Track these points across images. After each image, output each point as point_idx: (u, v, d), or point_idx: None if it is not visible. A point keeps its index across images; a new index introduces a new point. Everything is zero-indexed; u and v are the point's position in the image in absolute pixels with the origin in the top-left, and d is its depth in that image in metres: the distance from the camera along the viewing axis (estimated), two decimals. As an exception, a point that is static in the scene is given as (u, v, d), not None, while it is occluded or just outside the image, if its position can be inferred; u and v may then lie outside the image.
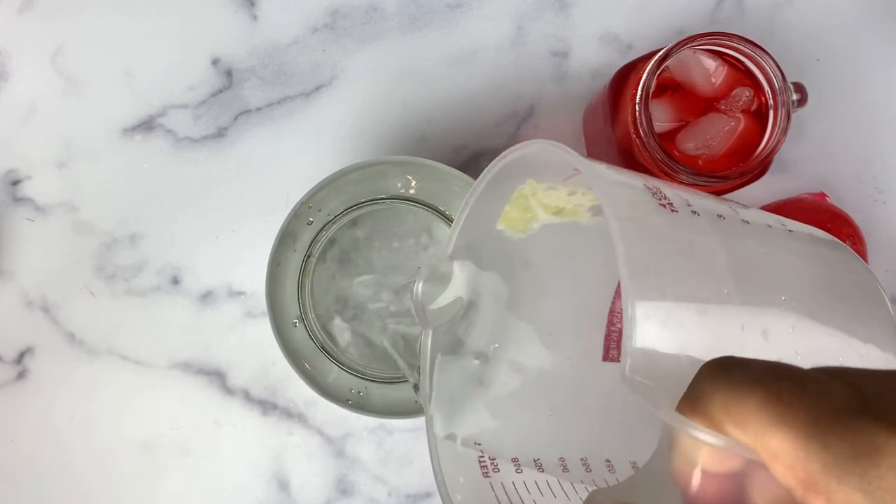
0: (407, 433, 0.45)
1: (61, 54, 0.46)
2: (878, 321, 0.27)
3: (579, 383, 0.35)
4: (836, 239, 0.31)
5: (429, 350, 0.34)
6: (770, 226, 0.28)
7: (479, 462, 0.32)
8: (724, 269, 0.24)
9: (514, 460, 0.31)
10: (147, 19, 0.46)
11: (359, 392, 0.40)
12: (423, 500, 0.45)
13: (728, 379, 0.18)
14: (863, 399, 0.17)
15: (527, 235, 0.34)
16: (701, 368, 0.19)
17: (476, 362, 0.35)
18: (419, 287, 0.33)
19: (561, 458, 0.31)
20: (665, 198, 0.25)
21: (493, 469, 0.31)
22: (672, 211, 0.24)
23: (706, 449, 0.18)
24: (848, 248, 0.30)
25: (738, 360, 0.19)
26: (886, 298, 0.28)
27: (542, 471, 0.31)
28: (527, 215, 0.33)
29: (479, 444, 0.32)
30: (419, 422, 0.44)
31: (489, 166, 0.31)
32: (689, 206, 0.25)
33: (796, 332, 0.24)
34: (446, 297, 0.34)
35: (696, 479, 0.19)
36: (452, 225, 0.33)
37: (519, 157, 0.29)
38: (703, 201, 0.27)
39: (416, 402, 0.40)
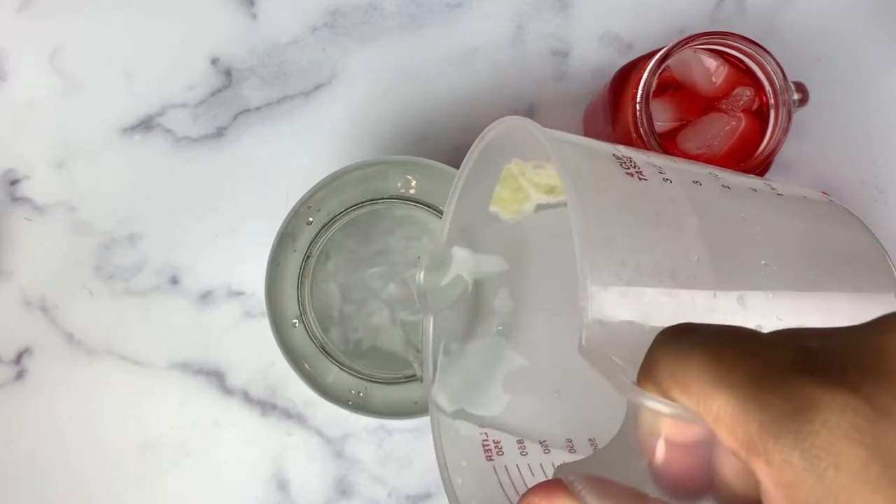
0: (407, 434, 0.45)
1: (60, 54, 0.46)
2: (874, 283, 0.27)
3: (585, 363, 0.35)
4: (833, 200, 0.30)
5: (431, 335, 0.34)
6: (755, 189, 0.27)
7: (483, 445, 0.32)
8: (695, 236, 0.23)
9: (520, 442, 0.31)
10: (146, 19, 0.46)
11: (358, 392, 0.40)
12: (423, 500, 0.45)
13: (675, 344, 0.18)
14: (805, 356, 0.16)
15: (522, 216, 0.34)
16: (656, 336, 0.18)
17: (479, 345, 0.35)
18: (420, 274, 0.33)
19: (568, 439, 0.31)
20: (634, 166, 0.25)
21: (497, 452, 0.31)
22: (640, 179, 0.24)
23: (667, 419, 0.18)
24: (847, 210, 0.30)
25: (688, 326, 0.18)
26: (889, 260, 0.27)
27: (548, 452, 0.31)
28: (519, 195, 0.33)
29: (484, 427, 0.32)
30: (419, 422, 0.44)
31: (471, 148, 0.31)
32: (661, 173, 0.25)
33: (778, 297, 0.24)
34: (446, 283, 0.34)
35: (660, 450, 0.19)
36: (444, 210, 0.33)
37: (497, 136, 0.29)
38: (680, 168, 0.26)
39: (417, 402, 0.40)
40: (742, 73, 0.39)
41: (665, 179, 0.25)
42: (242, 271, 0.45)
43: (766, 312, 0.24)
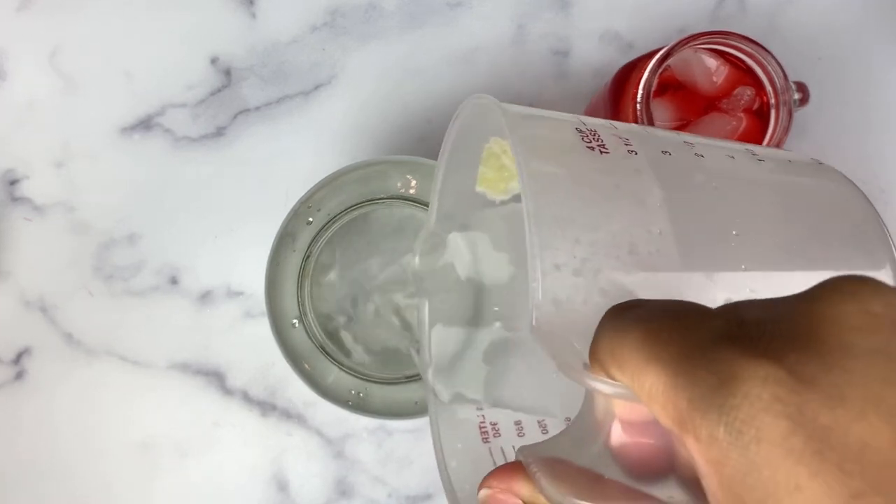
0: (407, 434, 0.45)
1: (59, 53, 0.46)
2: (866, 253, 0.26)
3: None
4: (823, 164, 0.29)
5: (426, 319, 0.34)
6: (732, 157, 0.26)
7: (480, 428, 0.32)
8: (658, 208, 0.23)
9: (517, 423, 0.31)
10: (145, 18, 0.46)
11: (359, 393, 0.40)
12: (423, 501, 0.45)
13: (614, 322, 0.17)
14: (737, 328, 0.16)
15: (510, 195, 0.33)
16: (604, 314, 0.18)
17: (478, 327, 0.34)
18: (416, 260, 0.33)
19: (567, 419, 0.31)
20: (597, 139, 0.24)
21: (494, 434, 0.31)
22: (602, 153, 0.24)
23: (618, 399, 0.18)
24: (841, 175, 0.28)
25: (632, 303, 0.18)
26: (885, 230, 0.26)
27: (546, 433, 0.31)
28: (503, 174, 0.33)
29: (482, 410, 0.32)
30: (419, 422, 0.44)
31: (447, 131, 0.31)
32: (626, 145, 0.24)
33: (752, 270, 0.23)
34: (440, 267, 0.34)
35: (615, 431, 0.19)
36: (431, 195, 0.33)
37: (469, 117, 0.29)
38: (651, 139, 0.26)
39: (417, 402, 0.40)
40: (743, 73, 0.38)
41: (630, 151, 0.24)
42: (242, 271, 0.45)
43: (738, 285, 0.23)
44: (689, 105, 0.39)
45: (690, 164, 0.25)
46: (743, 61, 0.38)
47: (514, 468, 0.20)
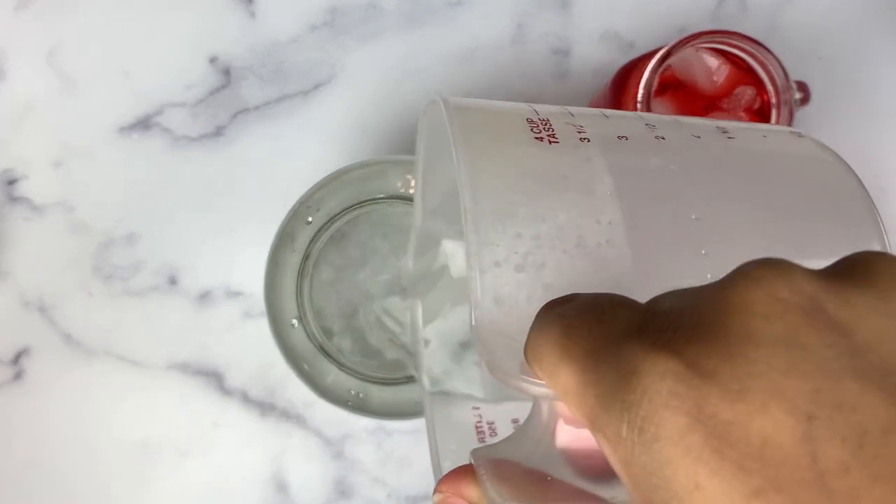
0: (407, 434, 0.45)
1: (58, 53, 0.46)
2: (848, 229, 0.24)
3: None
4: (805, 137, 0.28)
5: (420, 319, 0.34)
6: (698, 136, 0.25)
7: (476, 428, 0.31)
8: (608, 197, 0.22)
9: (514, 422, 0.31)
10: (144, 17, 0.46)
11: (358, 393, 0.40)
12: (422, 501, 0.45)
13: (540, 319, 0.17)
14: (648, 319, 0.15)
15: None
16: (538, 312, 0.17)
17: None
18: (409, 262, 0.33)
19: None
20: (548, 129, 0.23)
21: (490, 433, 0.31)
22: (551, 143, 0.23)
23: (546, 399, 0.17)
24: (824, 148, 0.27)
25: (563, 298, 0.17)
26: (875, 209, 0.25)
27: None
28: None
29: (478, 409, 0.32)
30: (419, 423, 0.44)
31: (418, 128, 0.30)
32: (579, 133, 0.23)
33: (713, 255, 0.22)
34: (433, 267, 0.34)
35: (559, 430, 0.18)
36: (414, 194, 0.33)
37: (433, 114, 0.29)
38: (608, 124, 0.25)
39: (416, 403, 0.39)
40: (744, 72, 0.38)
41: (583, 139, 0.23)
42: (241, 271, 0.45)
43: (696, 272, 0.22)
44: (690, 104, 0.39)
45: (648, 149, 0.24)
46: (744, 60, 0.38)
47: (465, 471, 0.20)
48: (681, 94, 0.39)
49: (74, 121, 0.45)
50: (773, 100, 0.37)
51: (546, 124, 0.24)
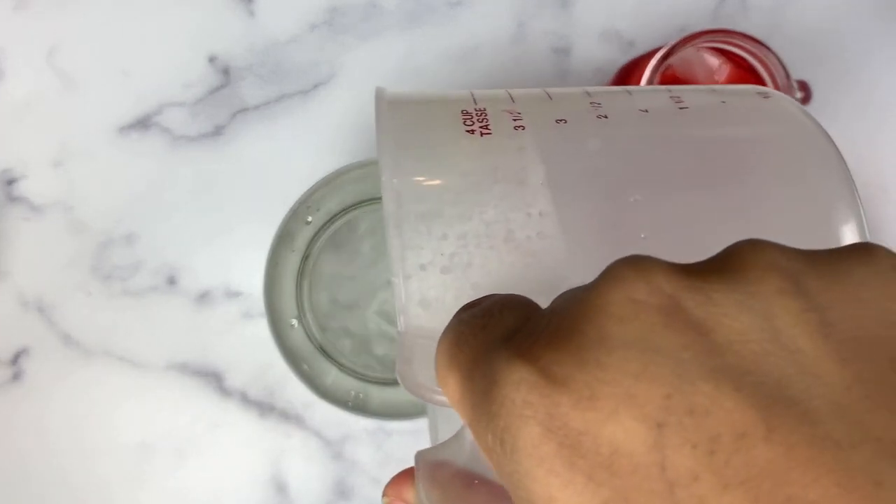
0: (406, 435, 0.45)
1: (57, 52, 0.45)
2: (818, 205, 0.22)
3: None
4: (773, 97, 0.25)
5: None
6: (646, 111, 0.24)
7: None
8: (540, 186, 0.21)
9: None
10: (143, 16, 0.46)
11: (358, 394, 0.39)
12: (422, 502, 0.45)
13: (447, 325, 0.16)
14: (522, 323, 0.14)
15: None
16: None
17: None
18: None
19: None
20: (481, 119, 0.23)
21: None
22: (483, 134, 0.22)
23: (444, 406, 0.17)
24: (796, 110, 0.25)
25: (473, 302, 0.17)
26: (849, 177, 0.23)
27: None
28: None
29: None
30: (419, 424, 0.44)
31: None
32: (515, 120, 0.23)
33: (654, 237, 0.21)
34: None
35: None
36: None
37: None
38: (548, 107, 0.24)
39: (417, 403, 0.39)
40: (744, 72, 0.38)
41: (518, 127, 0.22)
42: (240, 271, 0.45)
43: (628, 251, 0.21)
44: (691, 104, 0.39)
45: (587, 131, 0.23)
46: (745, 60, 0.38)
47: (408, 474, 0.19)
48: (681, 93, 0.39)
49: (73, 120, 0.45)
50: (775, 99, 0.37)
51: (481, 114, 0.23)
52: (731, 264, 0.13)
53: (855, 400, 0.12)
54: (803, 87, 0.38)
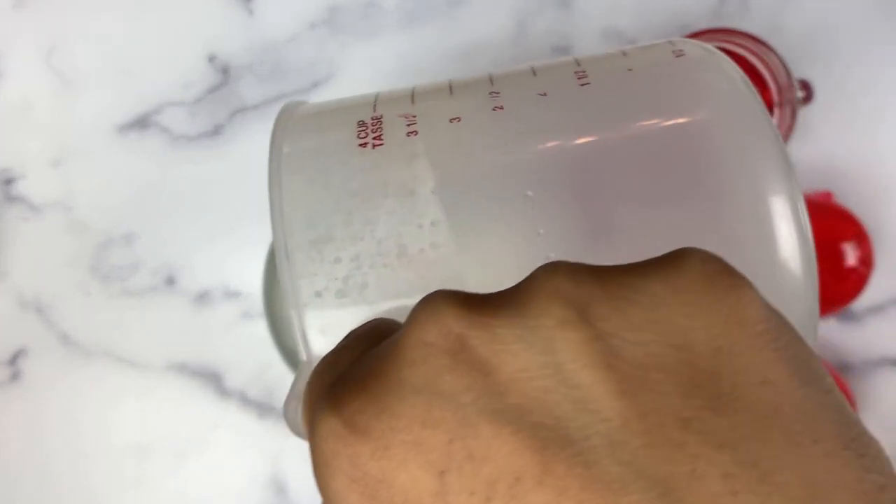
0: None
1: (56, 52, 0.45)
2: (736, 186, 0.20)
3: None
4: (686, 56, 0.23)
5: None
6: (544, 94, 0.22)
7: None
8: (430, 196, 0.20)
9: None
10: (142, 16, 0.46)
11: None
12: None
13: (315, 367, 0.16)
14: (346, 366, 0.14)
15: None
16: None
17: None
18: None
19: None
20: (376, 130, 0.22)
21: None
22: (375, 146, 0.21)
23: None
24: (719, 74, 0.22)
25: (350, 332, 0.17)
26: (781, 148, 0.20)
27: None
28: None
29: None
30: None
31: None
32: (409, 126, 0.22)
33: (551, 233, 0.20)
34: None
35: None
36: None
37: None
38: (446, 104, 0.23)
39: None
40: (746, 71, 0.38)
41: (410, 133, 0.22)
42: (240, 271, 0.45)
43: (534, 256, 0.20)
44: (692, 103, 0.39)
45: (481, 127, 0.22)
46: (746, 59, 0.38)
47: None
48: (682, 92, 0.39)
49: (72, 120, 0.45)
50: (776, 98, 0.37)
51: (377, 123, 0.22)
52: (519, 296, 0.13)
53: (632, 436, 0.11)
54: (805, 86, 0.37)
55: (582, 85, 0.22)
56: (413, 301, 0.14)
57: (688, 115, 0.21)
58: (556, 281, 0.13)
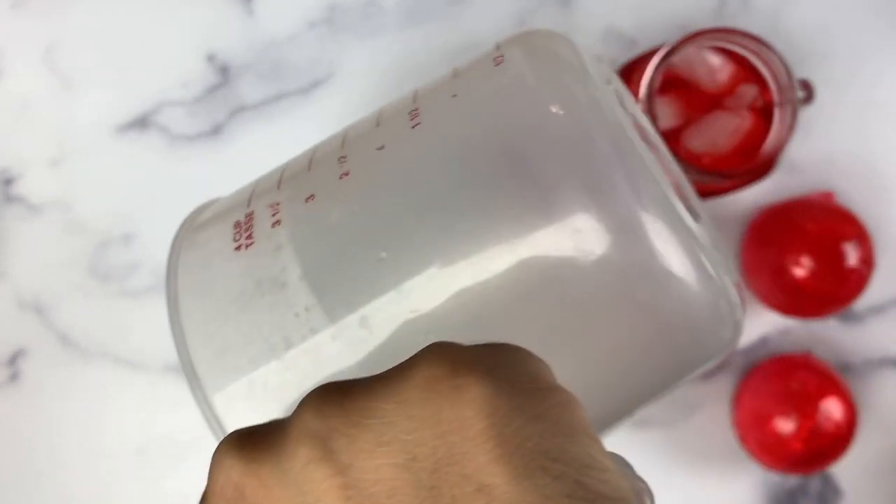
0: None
1: (54, 51, 0.45)
2: (548, 201, 0.20)
3: None
4: (507, 65, 0.23)
5: None
6: (381, 148, 0.22)
7: None
8: (299, 283, 0.21)
9: None
10: (141, 15, 0.45)
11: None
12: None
13: None
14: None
15: None
16: None
17: None
18: None
19: None
20: (247, 229, 0.22)
21: None
22: (247, 246, 0.22)
23: None
24: (522, 60, 0.22)
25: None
26: (611, 153, 0.20)
27: None
28: None
29: None
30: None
31: None
32: (273, 216, 0.22)
33: (406, 290, 0.20)
34: None
35: None
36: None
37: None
38: (302, 182, 0.23)
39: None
40: (747, 71, 0.38)
41: (275, 224, 0.22)
42: (239, 271, 0.45)
43: (395, 314, 0.20)
44: (693, 103, 0.39)
45: (332, 198, 0.22)
46: (747, 59, 0.38)
47: None
48: (683, 92, 0.39)
49: (71, 119, 0.45)
50: (777, 98, 0.37)
51: (249, 221, 0.23)
52: (280, 435, 0.13)
53: None
54: (806, 86, 0.37)
55: (413, 127, 0.22)
56: (309, 389, 0.15)
57: (506, 131, 0.21)
58: (304, 419, 0.13)
